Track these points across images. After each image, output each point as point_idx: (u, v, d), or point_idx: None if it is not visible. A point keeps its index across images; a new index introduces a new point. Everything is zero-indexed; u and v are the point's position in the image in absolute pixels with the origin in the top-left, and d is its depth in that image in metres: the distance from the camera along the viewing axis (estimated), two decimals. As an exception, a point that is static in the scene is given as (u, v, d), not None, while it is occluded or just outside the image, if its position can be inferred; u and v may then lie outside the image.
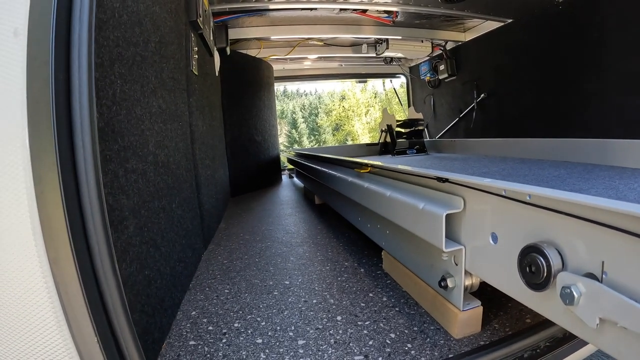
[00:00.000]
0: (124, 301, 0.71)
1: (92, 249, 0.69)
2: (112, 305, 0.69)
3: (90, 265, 0.70)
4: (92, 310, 0.66)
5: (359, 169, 1.79)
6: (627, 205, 0.63)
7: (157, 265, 1.24)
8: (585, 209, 0.72)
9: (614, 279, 0.68)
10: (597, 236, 0.71)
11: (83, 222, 0.70)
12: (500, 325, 1.25)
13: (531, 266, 0.83)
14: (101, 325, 0.68)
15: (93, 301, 0.68)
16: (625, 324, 0.63)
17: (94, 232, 0.70)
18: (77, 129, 0.71)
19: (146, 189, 1.25)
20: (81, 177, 0.71)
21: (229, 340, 1.20)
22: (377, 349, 1.13)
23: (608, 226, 0.68)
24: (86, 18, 0.76)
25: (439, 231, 1.08)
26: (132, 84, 1.22)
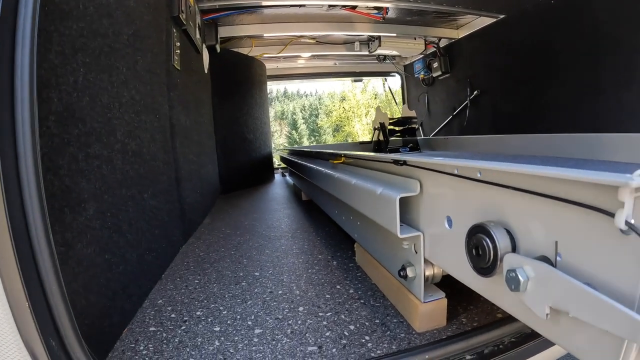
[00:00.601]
0: (59, 276, 0.72)
1: (29, 223, 0.71)
2: (47, 279, 0.70)
3: (28, 239, 0.71)
4: (26, 282, 0.67)
5: (334, 159, 1.81)
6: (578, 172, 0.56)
7: (121, 252, 1.26)
8: (535, 180, 0.66)
9: (569, 261, 0.61)
10: (550, 213, 0.65)
11: (21, 197, 0.72)
12: (469, 319, 1.21)
13: (477, 248, 0.78)
14: (36, 297, 0.69)
15: (29, 275, 0.69)
16: (578, 314, 0.55)
17: (30, 207, 0.71)
18: (17, 110, 0.73)
19: (111, 176, 1.26)
20: (20, 154, 0.72)
21: (188, 328, 1.21)
22: (333, 340, 1.13)
23: (558, 199, 0.62)
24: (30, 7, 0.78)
25: (394, 216, 1.06)
26: (98, 73, 1.24)
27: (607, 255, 0.55)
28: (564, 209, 0.61)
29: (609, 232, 0.53)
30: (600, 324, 0.51)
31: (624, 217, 0.49)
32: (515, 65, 3.48)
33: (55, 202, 0.90)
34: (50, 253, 0.70)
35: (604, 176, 0.51)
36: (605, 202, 0.53)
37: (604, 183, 0.51)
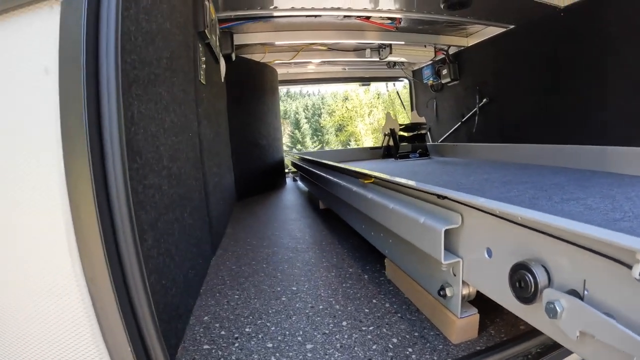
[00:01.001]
0: (153, 312, 0.78)
1: (124, 264, 0.76)
2: (142, 317, 0.76)
3: (122, 279, 0.77)
4: (126, 324, 0.73)
5: (363, 179, 1.86)
6: (605, 233, 0.69)
7: (172, 275, 1.32)
8: (566, 232, 0.79)
9: (594, 296, 0.75)
10: (579, 257, 0.77)
11: (115, 240, 0.78)
12: (496, 331, 1.31)
13: (520, 282, 0.90)
14: (133, 337, 0.75)
15: (126, 313, 0.75)
16: (601, 338, 0.69)
17: (125, 248, 0.77)
18: (108, 154, 0.78)
19: (161, 202, 1.32)
20: (112, 196, 0.78)
21: (241, 345, 1.27)
22: (380, 352, 1.20)
23: (587, 249, 0.75)
24: (113, 50, 0.83)
25: (438, 245, 1.15)
26: (147, 103, 1.29)
27: (625, 295, 0.69)
28: (591, 255, 0.74)
29: (627, 278, 0.67)
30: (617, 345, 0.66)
31: (639, 270, 0.64)
32: (524, 74, 3.53)
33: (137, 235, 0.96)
34: (147, 297, 0.76)
35: (625, 240, 0.65)
36: (625, 257, 0.67)
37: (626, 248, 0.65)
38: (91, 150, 0.74)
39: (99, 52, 0.82)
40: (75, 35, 0.78)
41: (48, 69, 0.78)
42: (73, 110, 0.76)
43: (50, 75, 0.78)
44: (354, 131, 24.01)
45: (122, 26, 1.10)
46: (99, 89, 0.80)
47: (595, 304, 0.73)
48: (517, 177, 2.12)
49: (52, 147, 0.76)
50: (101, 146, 0.77)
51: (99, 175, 0.75)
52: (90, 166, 0.73)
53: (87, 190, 0.74)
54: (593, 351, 0.75)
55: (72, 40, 0.78)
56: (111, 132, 0.79)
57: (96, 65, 0.81)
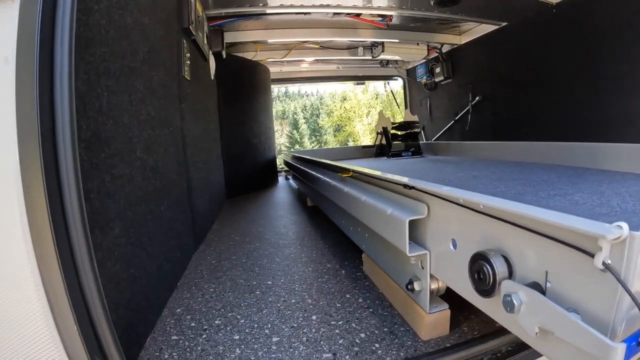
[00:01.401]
0: (102, 297, 0.79)
1: (74, 249, 0.77)
2: (92, 301, 0.77)
3: (73, 263, 0.78)
4: (74, 303, 0.74)
5: (342, 173, 1.87)
6: (565, 218, 0.66)
7: (143, 265, 1.32)
8: (528, 220, 0.75)
9: (557, 289, 0.71)
10: (541, 247, 0.74)
11: (66, 225, 0.78)
12: (470, 328, 1.29)
13: (479, 273, 0.87)
14: (82, 318, 0.76)
15: (75, 296, 0.76)
16: (560, 335, 0.65)
17: (75, 234, 0.78)
18: (59, 143, 0.79)
19: (133, 193, 1.32)
20: (64, 185, 0.79)
21: (209, 336, 1.27)
22: (345, 347, 1.19)
23: (550, 237, 0.71)
24: (67, 42, 0.84)
25: (403, 236, 1.14)
26: (119, 94, 1.30)
27: (588, 286, 0.65)
28: (554, 244, 0.70)
29: (590, 268, 0.63)
30: (578, 344, 0.61)
31: (601, 259, 0.60)
32: (517, 72, 3.54)
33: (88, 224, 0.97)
34: (95, 280, 0.76)
35: (587, 226, 0.61)
36: (587, 245, 0.63)
37: (587, 233, 0.61)
38: (42, 138, 0.75)
39: (54, 42, 0.83)
40: (32, 25, 0.79)
41: (7, 59, 0.79)
42: (27, 98, 0.77)
43: (9, 65, 0.79)
44: (352, 131, 24.01)
45: (91, 19, 1.12)
46: (52, 78, 0.81)
47: (557, 297, 0.70)
48: (507, 174, 2.11)
49: (9, 130, 0.77)
50: (53, 131, 0.77)
51: (50, 160, 0.76)
52: (40, 152, 0.74)
53: (38, 177, 0.75)
54: (554, 349, 0.70)
55: (29, 31, 0.79)
56: (63, 120, 0.80)
57: (51, 54, 0.82)
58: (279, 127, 26.56)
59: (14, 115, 0.76)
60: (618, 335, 0.59)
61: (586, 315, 0.64)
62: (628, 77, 2.50)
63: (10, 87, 0.77)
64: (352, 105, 24.04)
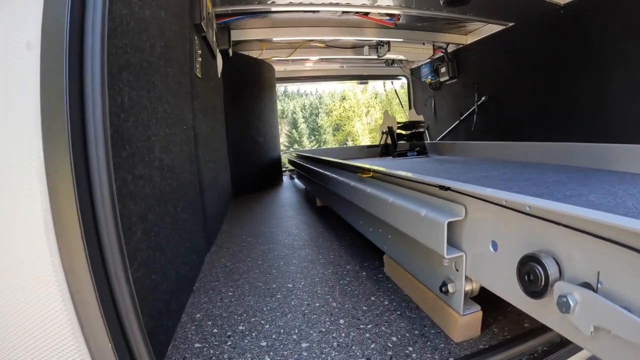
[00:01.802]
0: (136, 306, 0.73)
1: (106, 256, 0.71)
2: (124, 311, 0.71)
3: (104, 272, 0.72)
4: (106, 317, 0.68)
5: (362, 173, 1.81)
6: (619, 219, 0.65)
7: (163, 269, 1.27)
8: (580, 221, 0.74)
9: (609, 288, 0.70)
10: (592, 247, 0.73)
11: (97, 230, 0.72)
12: (500, 329, 1.27)
13: (529, 275, 0.85)
14: (114, 332, 0.70)
15: (107, 308, 0.70)
16: (618, 332, 0.64)
17: (107, 240, 0.72)
18: (90, 140, 0.73)
19: (152, 194, 1.26)
20: (95, 185, 0.73)
21: (234, 343, 1.22)
22: (379, 352, 1.15)
23: (602, 238, 0.70)
24: (99, 29, 0.77)
25: (441, 238, 1.10)
26: (139, 90, 1.24)
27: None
28: (605, 244, 0.70)
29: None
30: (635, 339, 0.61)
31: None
32: (523, 72, 3.51)
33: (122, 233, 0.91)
34: (130, 291, 0.71)
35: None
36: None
37: None
38: (71, 132, 0.69)
39: (85, 28, 0.76)
40: (61, 6, 0.73)
41: (30, 44, 0.73)
42: (54, 90, 0.71)
43: (33, 51, 0.73)
44: (351, 131, 23.97)
45: (113, 8, 1.06)
46: (82, 67, 0.75)
47: (610, 296, 0.69)
48: (517, 175, 2.09)
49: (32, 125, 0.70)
50: (83, 127, 0.71)
51: (80, 159, 0.70)
52: (70, 149, 0.68)
53: (67, 178, 0.69)
54: (607, 347, 0.70)
55: (57, 12, 0.73)
56: (94, 114, 0.73)
57: (81, 41, 0.76)
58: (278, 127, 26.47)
59: (38, 109, 0.70)
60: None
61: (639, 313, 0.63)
62: (635, 77, 2.47)
63: (34, 76, 0.70)
64: (351, 105, 24.02)
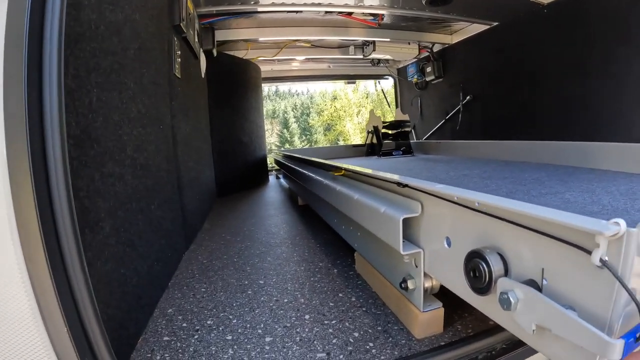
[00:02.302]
0: (92, 298, 0.77)
1: (63, 249, 0.75)
2: (82, 302, 0.75)
3: (62, 264, 0.76)
4: (63, 304, 0.72)
5: (334, 171, 1.86)
6: (561, 215, 0.65)
7: (134, 265, 1.30)
8: (525, 217, 0.75)
9: (554, 286, 0.70)
10: (537, 244, 0.73)
11: (55, 224, 0.76)
12: (463, 326, 1.29)
13: (475, 271, 0.86)
14: (72, 319, 0.74)
15: (65, 296, 0.74)
16: (558, 332, 0.64)
17: (64, 234, 0.76)
18: (48, 139, 0.77)
19: (123, 192, 1.30)
20: (52, 182, 0.77)
21: (201, 337, 1.26)
22: (339, 347, 1.19)
23: (545, 234, 0.70)
24: (56, 37, 0.81)
25: (397, 234, 1.14)
26: (110, 91, 1.28)
27: (585, 283, 0.64)
28: (550, 241, 0.70)
29: (586, 265, 0.63)
30: (577, 341, 0.61)
31: (599, 255, 0.59)
32: (508, 71, 3.56)
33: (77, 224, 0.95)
34: (85, 280, 0.75)
35: (584, 223, 0.61)
36: (584, 242, 0.63)
37: (584, 230, 0.61)
38: (30, 133, 0.73)
39: (44, 35, 0.81)
40: (20, 17, 0.77)
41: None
42: (15, 94, 0.75)
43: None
44: (342, 130, 24.05)
45: (81, 14, 1.10)
46: (41, 73, 0.79)
47: (554, 294, 0.69)
48: (498, 173, 2.13)
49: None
50: (42, 130, 0.75)
51: (39, 157, 0.75)
52: (28, 148, 0.73)
53: (26, 175, 0.73)
54: (552, 345, 0.70)
55: (18, 23, 0.77)
56: (52, 117, 0.78)
57: (40, 48, 0.80)
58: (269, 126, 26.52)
59: (1, 113, 0.74)
60: (615, 332, 0.60)
61: (583, 312, 0.64)
62: (617, 76, 2.52)
63: None
64: (342, 105, 24.09)
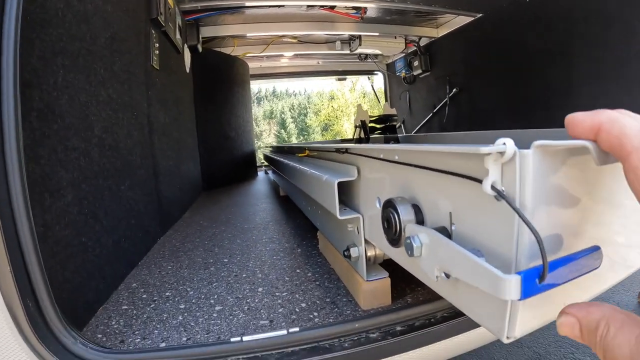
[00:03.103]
0: (36, 245, 0.86)
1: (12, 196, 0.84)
2: (25, 246, 0.84)
3: (11, 216, 0.85)
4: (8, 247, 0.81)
5: (300, 153, 1.94)
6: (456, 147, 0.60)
7: (97, 236, 1.39)
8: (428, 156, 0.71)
9: (461, 230, 0.65)
10: (443, 186, 0.69)
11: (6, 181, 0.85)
12: (414, 299, 1.29)
13: (388, 221, 0.83)
14: (16, 262, 0.83)
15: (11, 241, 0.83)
16: (456, 275, 0.59)
17: (14, 190, 0.85)
18: (4, 106, 0.87)
19: (89, 167, 1.39)
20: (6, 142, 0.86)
21: (156, 306, 1.35)
22: (284, 315, 1.25)
23: (446, 172, 0.66)
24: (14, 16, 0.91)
25: (333, 199, 1.16)
26: (77, 74, 1.37)
27: (486, 221, 0.59)
28: (452, 181, 0.66)
29: (485, 200, 0.56)
30: (473, 281, 0.55)
31: (489, 183, 0.52)
32: (492, 63, 3.58)
33: (37, 188, 1.04)
34: (30, 228, 0.84)
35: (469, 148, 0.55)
36: (477, 172, 0.57)
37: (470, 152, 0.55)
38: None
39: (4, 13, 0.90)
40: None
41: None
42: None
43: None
44: (339, 130, 24.15)
45: (47, 2, 1.19)
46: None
47: (462, 239, 0.64)
48: None
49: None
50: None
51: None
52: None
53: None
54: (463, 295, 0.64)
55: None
56: (7, 86, 0.86)
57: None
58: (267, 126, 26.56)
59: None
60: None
61: (490, 255, 0.57)
62: (601, 62, 2.54)
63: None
64: (339, 105, 24.19)
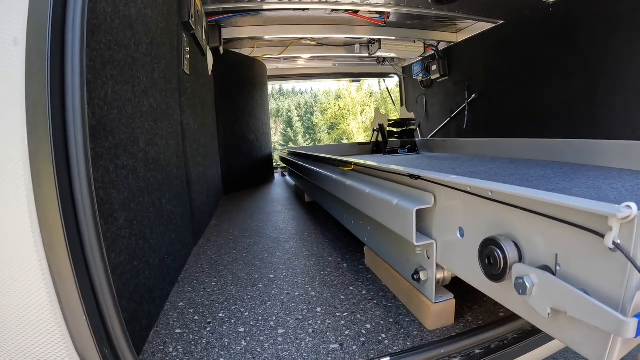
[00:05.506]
0: (112, 287, 0.78)
1: (83, 238, 0.76)
2: (100, 291, 0.76)
3: (82, 252, 0.77)
4: (82, 293, 0.73)
5: (343, 167, 1.87)
6: (574, 201, 0.67)
7: (146, 257, 1.31)
8: (537, 203, 0.77)
9: (567, 270, 0.72)
10: (551, 230, 0.75)
11: (75, 213, 0.77)
12: (474, 318, 1.31)
13: (490, 258, 0.88)
14: (91, 308, 0.75)
15: (84, 285, 0.74)
16: (573, 314, 0.66)
17: (85, 222, 0.77)
18: (70, 129, 0.78)
19: (136, 184, 1.31)
20: (74, 172, 0.78)
21: (213, 329, 1.27)
22: (352, 338, 1.20)
23: (559, 220, 0.72)
24: (79, 25, 0.82)
25: (410, 226, 1.15)
26: (124, 84, 1.29)
27: (598, 267, 0.66)
28: (563, 227, 0.72)
29: (600, 249, 0.65)
30: (592, 321, 0.64)
31: (612, 238, 0.61)
32: (513, 70, 3.55)
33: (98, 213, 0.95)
34: (105, 269, 0.76)
35: (597, 206, 0.63)
36: (597, 226, 0.65)
37: (597, 213, 0.63)
38: (53, 122, 0.74)
39: (66, 24, 0.81)
40: (44, 4, 0.78)
41: (17, 40, 0.78)
42: (38, 82, 0.76)
43: (19, 47, 0.78)
44: (346, 129, 24.05)
45: (97, 7, 1.11)
46: (64, 61, 0.80)
47: (568, 279, 0.71)
48: (504, 170, 2.13)
49: (18, 116, 0.75)
50: (64, 117, 0.76)
51: (60, 146, 0.75)
52: (50, 138, 0.73)
53: (48, 162, 0.74)
54: (564, 328, 0.73)
55: (40, 9, 0.77)
56: (74, 106, 0.78)
57: (63, 36, 0.81)
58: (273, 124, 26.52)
59: (23, 99, 0.75)
60: (629, 312, 0.62)
61: (596, 295, 0.66)
62: (623, 74, 2.51)
63: (20, 70, 0.75)
64: (346, 104, 24.09)
